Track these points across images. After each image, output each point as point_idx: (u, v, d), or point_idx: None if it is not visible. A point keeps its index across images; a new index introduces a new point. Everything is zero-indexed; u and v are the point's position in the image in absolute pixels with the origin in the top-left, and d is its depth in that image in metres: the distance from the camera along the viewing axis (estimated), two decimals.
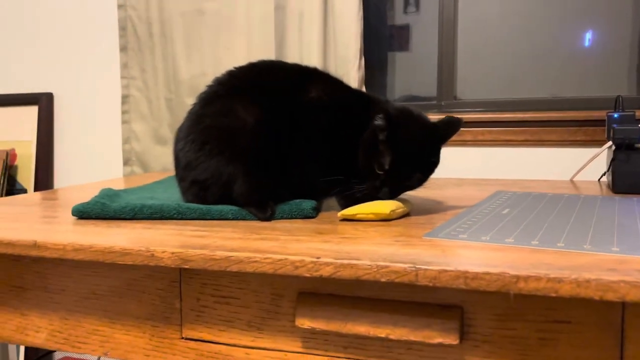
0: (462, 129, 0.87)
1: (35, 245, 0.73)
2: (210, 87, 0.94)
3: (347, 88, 0.98)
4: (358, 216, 0.82)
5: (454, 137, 0.88)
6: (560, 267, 0.55)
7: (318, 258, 0.61)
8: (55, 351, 1.73)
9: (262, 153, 0.86)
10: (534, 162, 1.43)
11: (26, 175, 1.87)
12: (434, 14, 1.62)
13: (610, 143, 1.11)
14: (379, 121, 0.82)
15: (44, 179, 1.85)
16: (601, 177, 1.25)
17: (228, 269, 0.64)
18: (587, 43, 1.52)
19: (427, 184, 0.89)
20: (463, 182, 1.29)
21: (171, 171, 0.98)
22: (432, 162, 0.87)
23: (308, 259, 0.61)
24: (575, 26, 1.52)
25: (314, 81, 0.93)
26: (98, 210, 0.86)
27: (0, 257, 0.82)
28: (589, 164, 1.25)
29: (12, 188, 1.87)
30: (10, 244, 0.74)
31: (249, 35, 1.54)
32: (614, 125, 1.09)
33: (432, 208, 0.93)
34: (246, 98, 0.89)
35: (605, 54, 1.50)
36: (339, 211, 0.83)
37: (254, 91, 0.90)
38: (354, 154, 0.86)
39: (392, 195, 0.85)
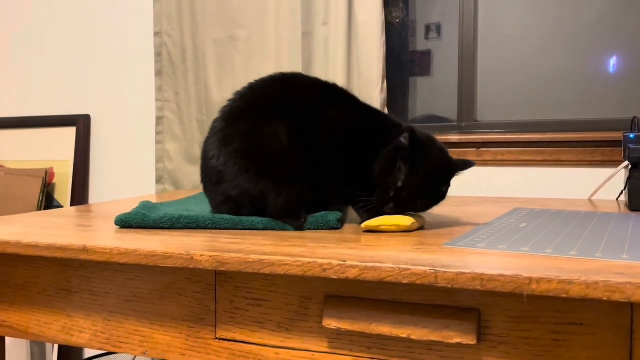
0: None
1: (84, 249, 0.79)
2: (232, 101, 0.99)
3: (367, 107, 1.01)
4: (381, 227, 0.86)
5: (475, 158, 0.92)
6: (571, 271, 0.59)
7: (344, 261, 0.66)
8: None
9: (288, 167, 0.92)
10: (553, 182, 1.46)
11: (63, 192, 1.96)
12: (456, 39, 1.68)
13: (626, 162, 1.15)
14: (403, 140, 0.87)
15: (79, 196, 1.95)
16: (619, 195, 1.27)
17: (261, 271, 0.69)
18: (611, 68, 1.55)
19: (448, 200, 0.93)
20: (483, 200, 1.32)
21: (201, 189, 1.04)
22: (442, 191, 0.90)
23: (335, 262, 0.66)
24: (591, 51, 1.56)
25: (334, 97, 0.98)
26: (139, 220, 0.93)
27: (51, 262, 0.89)
28: (606, 183, 1.28)
29: (50, 204, 1.96)
30: (61, 248, 0.81)
31: (278, 60, 1.62)
32: (630, 145, 1.13)
33: (452, 222, 0.97)
34: (268, 113, 0.94)
35: (624, 78, 1.53)
36: (362, 223, 0.89)
37: (276, 106, 0.95)
38: (370, 170, 0.90)
39: (396, 211, 0.87)
